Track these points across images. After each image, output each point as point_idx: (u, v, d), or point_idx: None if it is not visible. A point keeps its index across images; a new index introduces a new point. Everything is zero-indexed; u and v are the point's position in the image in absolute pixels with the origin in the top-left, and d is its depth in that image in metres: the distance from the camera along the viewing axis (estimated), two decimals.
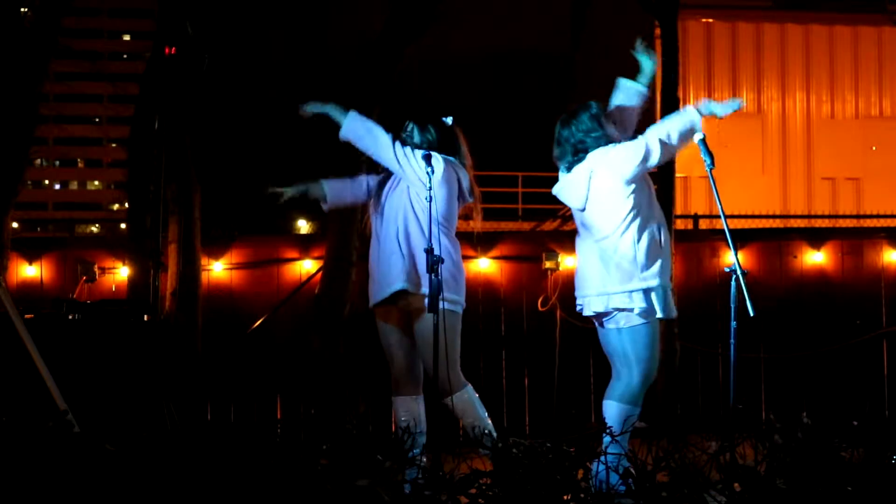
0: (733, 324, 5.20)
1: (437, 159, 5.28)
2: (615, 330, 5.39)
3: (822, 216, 13.66)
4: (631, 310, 5.31)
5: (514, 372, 8.17)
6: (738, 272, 5.13)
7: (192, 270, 7.61)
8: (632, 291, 5.29)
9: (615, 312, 5.37)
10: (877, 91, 16.97)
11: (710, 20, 16.57)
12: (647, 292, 5.30)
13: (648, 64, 5.64)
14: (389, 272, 5.35)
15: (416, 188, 5.34)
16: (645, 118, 5.86)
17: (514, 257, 8.22)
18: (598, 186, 5.40)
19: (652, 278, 5.30)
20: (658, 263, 5.32)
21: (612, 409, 5.37)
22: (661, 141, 5.31)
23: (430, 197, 5.28)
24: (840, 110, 16.90)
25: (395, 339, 5.53)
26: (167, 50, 7.37)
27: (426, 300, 5.12)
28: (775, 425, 3.87)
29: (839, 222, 12.69)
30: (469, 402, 5.55)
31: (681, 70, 9.96)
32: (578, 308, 5.52)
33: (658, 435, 5.25)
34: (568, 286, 8.07)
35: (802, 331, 8.35)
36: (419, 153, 5.34)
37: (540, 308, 8.07)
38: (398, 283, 5.31)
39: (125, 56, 68.68)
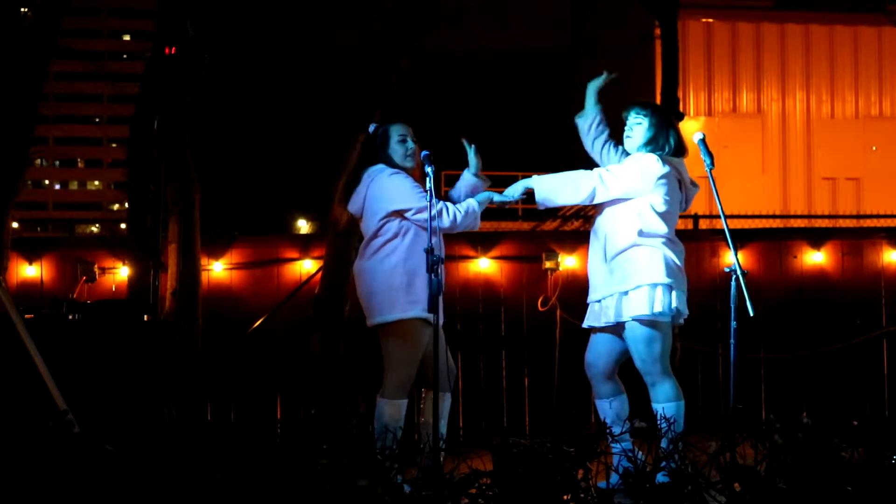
0: (733, 324, 5.21)
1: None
2: None
3: (822, 216, 13.67)
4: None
5: (514, 372, 8.16)
6: (738, 272, 5.14)
7: (192, 270, 7.61)
8: None
9: None
10: (877, 91, 16.98)
11: (710, 20, 16.58)
12: None
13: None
14: None
15: None
16: None
17: (514, 257, 8.21)
18: None
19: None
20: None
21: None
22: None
23: (430, 197, 5.32)
24: (840, 110, 16.90)
25: (425, 347, 5.56)
26: (167, 50, 7.37)
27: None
28: (775, 425, 3.87)
29: (839, 222, 12.69)
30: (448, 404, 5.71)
31: (681, 70, 9.96)
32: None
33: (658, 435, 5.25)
34: (568, 286, 8.08)
35: (802, 331, 8.34)
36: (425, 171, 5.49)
37: (540, 308, 8.07)
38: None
39: (125, 56, 68.68)
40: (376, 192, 5.62)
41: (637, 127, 5.66)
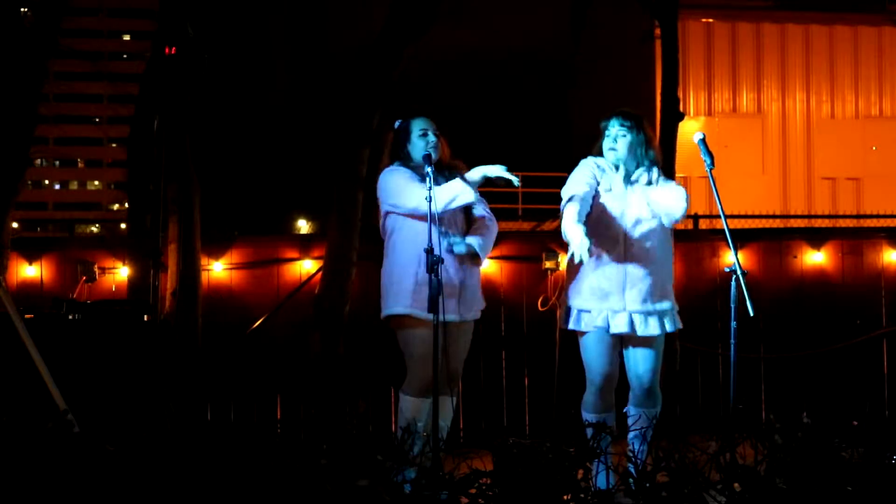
0: (733, 324, 5.21)
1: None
2: None
3: (822, 216, 13.66)
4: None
5: (514, 372, 8.16)
6: (738, 272, 5.14)
7: (192, 270, 7.61)
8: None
9: None
10: (877, 91, 16.97)
11: (710, 20, 16.57)
12: (567, 310, 5.70)
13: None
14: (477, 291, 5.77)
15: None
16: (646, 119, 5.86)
17: (514, 257, 8.21)
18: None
19: (566, 298, 5.71)
20: (567, 286, 5.69)
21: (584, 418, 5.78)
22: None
23: (430, 197, 5.32)
24: (840, 110, 16.90)
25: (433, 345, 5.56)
26: (167, 50, 7.37)
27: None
28: (775, 425, 3.87)
29: (839, 222, 12.69)
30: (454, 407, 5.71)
31: (681, 70, 9.95)
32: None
33: (658, 435, 5.26)
34: None
35: (802, 331, 8.35)
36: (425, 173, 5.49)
37: (540, 308, 8.07)
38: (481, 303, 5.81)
39: (125, 56, 68.71)
40: (379, 192, 5.72)
41: (622, 139, 5.60)
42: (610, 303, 5.51)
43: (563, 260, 7.92)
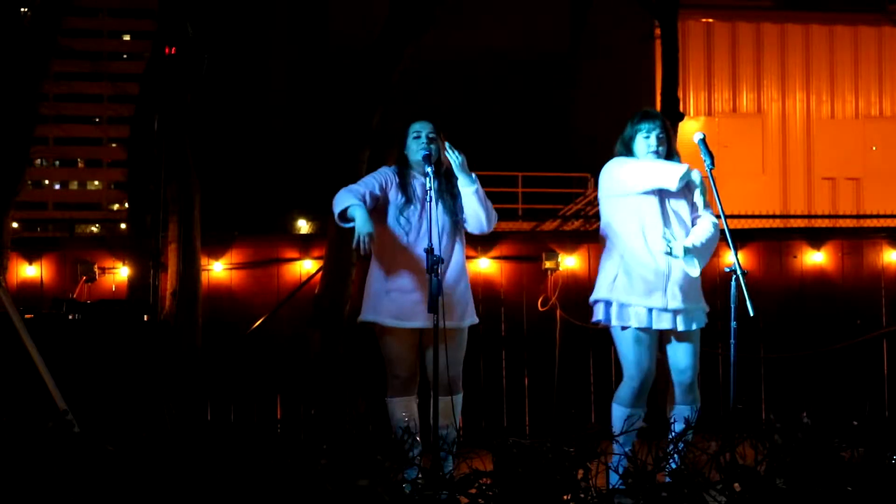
0: (733, 324, 5.22)
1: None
2: None
3: (822, 216, 13.67)
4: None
5: (514, 372, 8.16)
6: (738, 272, 5.14)
7: (192, 270, 7.61)
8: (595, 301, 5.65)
9: None
10: (877, 91, 16.98)
11: (710, 20, 16.58)
12: (606, 304, 5.57)
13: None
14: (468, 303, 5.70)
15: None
16: None
17: (514, 257, 8.21)
18: None
19: (604, 291, 5.59)
20: (607, 278, 5.59)
21: (614, 411, 5.63)
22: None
23: (431, 198, 5.33)
24: (840, 110, 16.91)
25: (415, 346, 5.68)
26: (167, 50, 7.37)
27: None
28: (775, 425, 3.87)
29: (839, 222, 12.69)
30: (458, 405, 5.69)
31: (681, 70, 9.96)
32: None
33: (658, 435, 5.26)
34: (568, 286, 8.08)
35: (802, 331, 8.34)
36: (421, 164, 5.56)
37: (540, 308, 8.07)
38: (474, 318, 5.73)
39: (125, 56, 68.69)
40: None
41: (660, 139, 5.63)
42: (653, 299, 5.49)
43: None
